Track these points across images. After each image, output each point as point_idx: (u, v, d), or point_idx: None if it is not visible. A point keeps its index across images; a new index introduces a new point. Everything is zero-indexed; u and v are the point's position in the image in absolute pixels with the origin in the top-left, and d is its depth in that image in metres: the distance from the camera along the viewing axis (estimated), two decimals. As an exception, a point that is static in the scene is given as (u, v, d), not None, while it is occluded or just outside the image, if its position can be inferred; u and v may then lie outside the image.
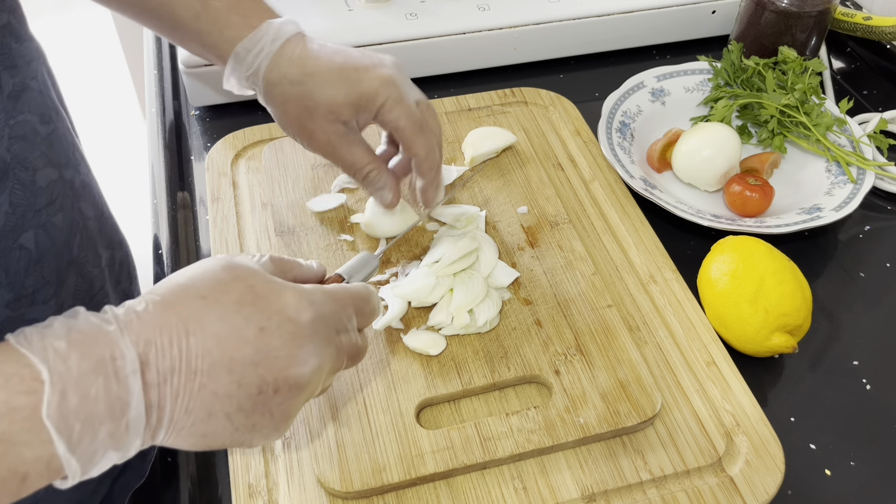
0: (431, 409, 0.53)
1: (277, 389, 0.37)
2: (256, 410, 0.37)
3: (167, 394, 0.35)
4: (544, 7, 0.83)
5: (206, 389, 0.36)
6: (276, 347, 0.37)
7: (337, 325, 0.41)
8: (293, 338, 0.38)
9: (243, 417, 0.37)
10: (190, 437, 0.37)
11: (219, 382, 0.36)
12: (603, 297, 0.59)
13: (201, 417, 0.36)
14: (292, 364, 0.38)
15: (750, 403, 0.54)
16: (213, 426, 0.36)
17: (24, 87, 0.46)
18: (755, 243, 0.60)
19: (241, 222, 0.66)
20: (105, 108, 2.26)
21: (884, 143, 0.74)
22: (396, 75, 0.54)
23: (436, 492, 0.49)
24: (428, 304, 0.58)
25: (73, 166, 0.50)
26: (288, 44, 0.54)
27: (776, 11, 0.79)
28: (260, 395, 0.37)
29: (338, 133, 0.54)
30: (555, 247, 0.62)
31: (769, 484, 0.50)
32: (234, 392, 0.36)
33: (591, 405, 0.52)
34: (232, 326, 0.36)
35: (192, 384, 0.35)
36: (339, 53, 0.54)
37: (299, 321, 0.38)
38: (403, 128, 0.54)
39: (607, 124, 0.73)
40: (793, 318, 0.56)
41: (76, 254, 0.51)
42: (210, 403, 0.36)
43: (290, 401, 0.39)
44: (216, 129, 0.78)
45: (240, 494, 0.49)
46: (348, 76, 0.53)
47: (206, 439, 0.37)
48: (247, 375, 0.36)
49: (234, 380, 0.36)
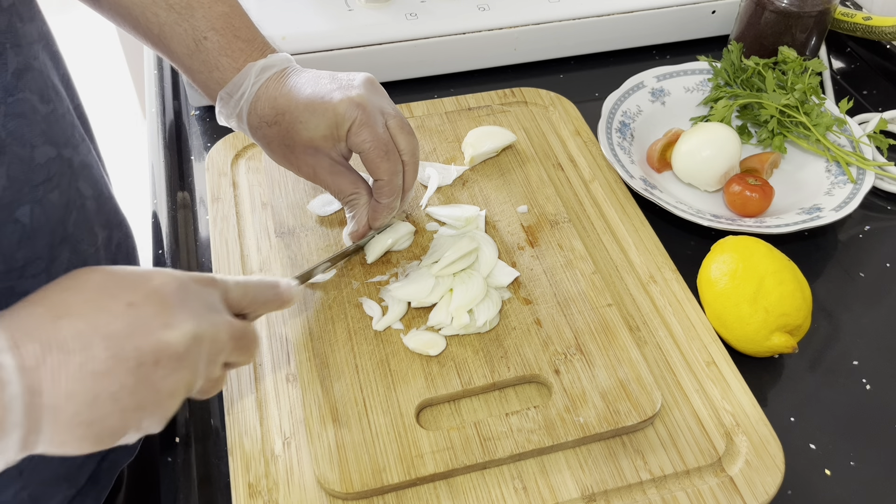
0: (431, 410, 0.53)
1: (157, 360, 0.37)
2: (140, 386, 0.37)
3: (44, 377, 0.34)
4: (544, 7, 0.83)
5: (86, 369, 0.35)
6: (146, 317, 0.37)
7: (206, 300, 0.41)
8: (163, 306, 0.38)
9: (127, 395, 0.36)
10: (76, 430, 0.36)
11: (97, 360, 0.35)
12: (603, 297, 0.59)
13: (86, 402, 0.35)
14: (166, 330, 0.38)
15: (750, 403, 0.54)
16: (98, 411, 0.36)
17: (28, 67, 0.46)
18: (755, 243, 0.60)
19: (241, 222, 0.66)
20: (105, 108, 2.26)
21: (884, 143, 0.74)
22: (365, 96, 0.54)
23: (436, 492, 0.49)
24: (428, 304, 0.58)
25: (72, 146, 0.51)
26: (266, 84, 0.55)
27: (776, 11, 0.79)
28: (140, 367, 0.37)
29: (320, 165, 0.56)
30: (555, 246, 0.62)
31: (769, 484, 0.50)
32: (114, 368, 0.36)
33: (590, 405, 0.52)
34: (99, 305, 0.36)
35: (68, 365, 0.34)
36: (308, 85, 0.55)
37: (165, 292, 0.38)
38: (367, 151, 0.54)
39: (607, 124, 0.73)
40: (793, 318, 0.56)
41: (71, 231, 0.51)
42: (91, 384, 0.35)
43: (173, 375, 0.38)
44: (216, 129, 0.78)
45: (240, 494, 0.49)
46: (316, 109, 0.53)
47: (92, 429, 0.36)
48: (124, 349, 0.36)
49: (112, 354, 0.36)
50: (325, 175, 0.56)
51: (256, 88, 0.55)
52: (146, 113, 0.82)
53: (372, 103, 0.54)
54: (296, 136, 0.54)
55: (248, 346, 0.44)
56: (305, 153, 0.55)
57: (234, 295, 0.45)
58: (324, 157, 0.55)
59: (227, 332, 0.42)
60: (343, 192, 0.57)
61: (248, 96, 0.55)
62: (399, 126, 0.55)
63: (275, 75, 0.55)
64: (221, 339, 0.41)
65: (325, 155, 0.55)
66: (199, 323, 0.39)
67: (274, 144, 0.56)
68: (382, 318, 0.57)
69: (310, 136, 0.54)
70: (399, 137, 0.55)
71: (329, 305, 0.58)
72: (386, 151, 0.54)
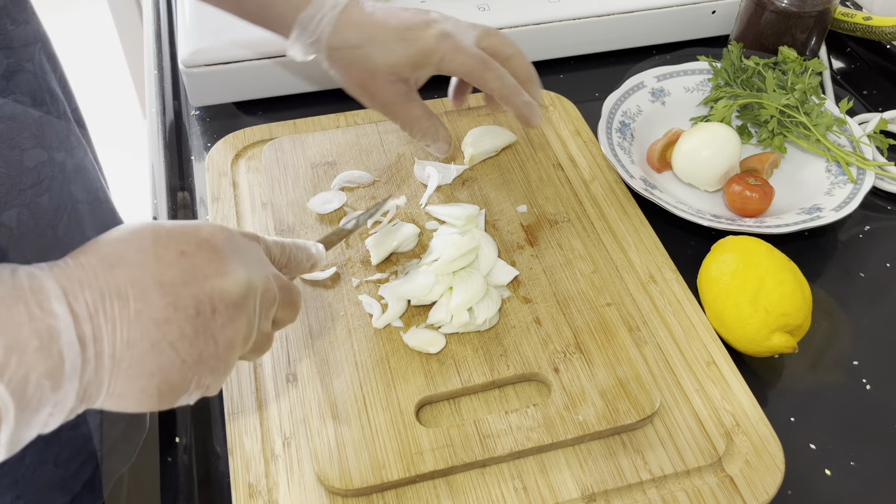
0: (431, 407, 0.53)
1: (215, 309, 0.37)
2: (199, 335, 0.36)
3: (102, 324, 0.33)
4: (544, 7, 0.83)
5: (144, 316, 0.34)
6: (201, 265, 0.37)
7: (254, 252, 0.41)
8: (215, 255, 0.38)
9: (188, 345, 0.36)
10: (137, 381, 0.35)
11: (154, 307, 0.35)
12: (602, 296, 0.59)
13: (145, 349, 0.34)
14: (222, 278, 0.37)
15: (750, 403, 0.54)
16: (158, 360, 0.35)
17: (19, 69, 0.46)
18: (755, 243, 0.60)
19: (241, 222, 0.66)
20: (105, 108, 2.26)
21: (884, 143, 0.74)
22: (449, 27, 0.59)
23: (436, 491, 0.49)
24: (427, 302, 0.58)
25: (66, 149, 0.50)
26: (346, 10, 0.58)
27: (776, 11, 0.79)
28: (199, 316, 0.36)
29: (398, 92, 0.59)
30: (554, 245, 0.62)
31: (769, 484, 0.50)
32: (172, 316, 0.35)
33: (590, 403, 0.52)
34: (153, 254, 0.36)
35: (126, 311, 0.34)
36: (393, 16, 0.59)
37: (216, 241, 0.38)
38: (469, 72, 0.58)
39: (607, 124, 0.73)
40: (793, 318, 0.56)
41: (61, 235, 0.51)
42: (150, 331, 0.35)
43: (231, 324, 0.38)
44: (216, 129, 0.78)
45: (240, 494, 0.49)
46: (405, 37, 0.58)
47: (153, 381, 0.35)
48: (181, 296, 0.36)
49: (169, 302, 0.35)
50: (401, 102, 0.60)
51: (337, 12, 0.58)
52: (146, 113, 0.82)
53: (457, 32, 0.59)
54: (380, 60, 0.58)
55: (294, 301, 0.44)
56: (387, 80, 0.59)
57: (274, 252, 0.45)
58: (402, 85, 0.59)
59: (276, 283, 0.42)
60: (416, 119, 0.61)
61: (330, 18, 0.58)
62: (491, 37, 0.60)
63: (352, 2, 0.58)
64: (272, 290, 0.41)
65: (404, 82, 0.59)
66: (251, 271, 0.39)
67: (354, 68, 0.59)
68: (382, 316, 0.57)
69: (396, 63, 0.58)
70: (498, 45, 0.60)
71: (329, 303, 0.58)
72: (485, 64, 0.58)
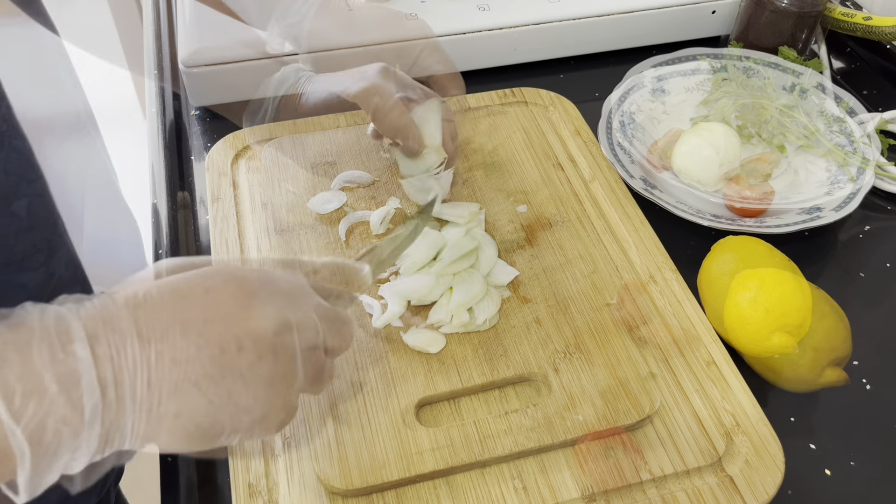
0: (431, 407, 0.53)
1: (241, 347, 0.35)
2: (225, 375, 0.35)
3: (123, 366, 0.33)
4: (544, 7, 0.83)
5: (165, 357, 0.34)
6: (225, 302, 0.36)
7: (291, 283, 0.39)
8: (242, 291, 0.36)
9: (213, 385, 0.35)
10: (164, 421, 0.34)
11: (176, 347, 0.34)
12: (602, 296, 0.59)
13: (168, 391, 0.34)
14: (246, 313, 0.36)
15: (750, 403, 0.54)
16: (184, 401, 0.34)
17: None
18: (755, 243, 0.60)
19: (241, 222, 0.66)
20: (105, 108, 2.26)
21: (884, 143, 0.74)
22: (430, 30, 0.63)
23: (436, 491, 0.49)
24: (427, 302, 0.58)
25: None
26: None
27: (776, 11, 0.79)
28: (223, 354, 0.35)
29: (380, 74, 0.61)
30: (554, 246, 0.62)
31: (769, 484, 0.50)
32: (195, 355, 0.34)
33: (590, 403, 0.52)
34: (175, 291, 0.35)
35: (147, 353, 0.33)
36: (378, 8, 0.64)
37: (243, 275, 0.37)
38: (440, 71, 0.62)
39: (607, 124, 0.73)
40: (793, 318, 0.56)
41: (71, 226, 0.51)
42: (172, 372, 0.34)
43: (262, 362, 0.36)
44: (216, 129, 0.78)
45: (240, 494, 0.49)
46: (393, 24, 0.62)
47: (181, 420, 0.34)
48: (203, 335, 0.35)
49: (191, 342, 0.34)
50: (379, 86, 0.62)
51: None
52: (146, 113, 0.82)
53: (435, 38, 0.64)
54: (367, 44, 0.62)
55: (341, 328, 0.41)
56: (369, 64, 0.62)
57: (322, 276, 0.44)
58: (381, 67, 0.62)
59: (317, 314, 0.40)
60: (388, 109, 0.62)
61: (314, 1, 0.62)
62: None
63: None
64: (311, 323, 0.39)
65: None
66: (283, 306, 0.37)
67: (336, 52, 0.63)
68: (382, 316, 0.57)
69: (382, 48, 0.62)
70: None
71: (329, 304, 0.58)
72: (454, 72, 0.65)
